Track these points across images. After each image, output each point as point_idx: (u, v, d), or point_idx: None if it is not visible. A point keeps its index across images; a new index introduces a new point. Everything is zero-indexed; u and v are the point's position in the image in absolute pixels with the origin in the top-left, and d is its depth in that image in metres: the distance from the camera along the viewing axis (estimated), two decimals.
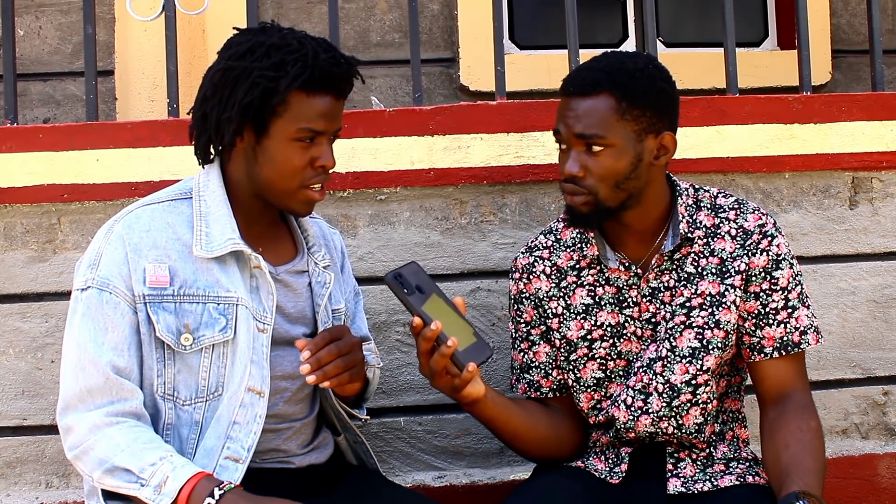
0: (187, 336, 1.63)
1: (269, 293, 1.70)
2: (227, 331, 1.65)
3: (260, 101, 1.62)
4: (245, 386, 1.65)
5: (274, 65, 1.62)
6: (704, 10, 4.06)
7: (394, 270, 1.63)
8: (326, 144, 1.67)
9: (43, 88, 3.63)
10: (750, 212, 1.82)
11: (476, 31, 3.60)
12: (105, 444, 1.57)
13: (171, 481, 1.52)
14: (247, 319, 1.66)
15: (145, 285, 1.63)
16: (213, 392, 1.65)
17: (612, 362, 1.85)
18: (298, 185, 1.66)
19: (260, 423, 1.66)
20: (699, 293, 1.80)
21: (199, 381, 1.65)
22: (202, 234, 1.66)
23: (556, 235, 1.91)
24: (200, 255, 1.65)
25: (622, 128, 1.71)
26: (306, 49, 1.64)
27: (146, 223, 1.66)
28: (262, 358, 1.68)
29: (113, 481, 1.57)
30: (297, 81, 1.61)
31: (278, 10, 3.67)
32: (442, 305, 1.63)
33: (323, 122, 1.65)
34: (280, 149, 1.65)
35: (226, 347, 1.65)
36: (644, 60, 1.77)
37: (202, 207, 1.69)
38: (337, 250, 1.92)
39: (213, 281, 1.66)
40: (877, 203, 2.33)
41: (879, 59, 2.39)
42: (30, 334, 2.13)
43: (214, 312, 1.65)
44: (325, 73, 1.63)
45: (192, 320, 1.64)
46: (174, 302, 1.64)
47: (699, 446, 1.84)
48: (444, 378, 1.64)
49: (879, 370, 2.33)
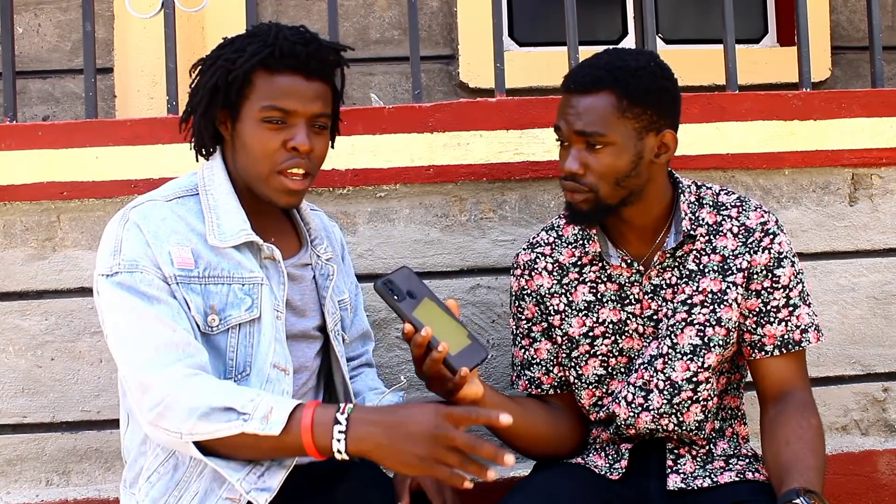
0: (213, 317, 1.62)
1: (281, 283, 1.70)
2: (254, 309, 1.64)
3: (224, 84, 1.63)
4: (270, 362, 1.65)
5: (237, 48, 1.65)
6: (704, 6, 4.06)
7: (383, 278, 1.62)
8: (301, 126, 1.64)
9: (42, 86, 3.63)
10: (752, 209, 1.82)
11: (475, 28, 3.60)
12: (191, 392, 1.50)
13: (277, 411, 1.46)
14: (270, 300, 1.67)
15: (174, 266, 1.60)
16: (241, 372, 1.64)
17: (613, 359, 1.85)
18: (270, 170, 1.65)
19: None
20: (701, 290, 1.80)
21: (226, 361, 1.64)
22: (214, 226, 1.66)
23: (558, 232, 1.91)
24: (215, 243, 1.64)
25: (623, 125, 1.71)
26: (271, 31, 1.65)
27: (161, 213, 1.65)
28: (283, 339, 1.68)
29: (210, 426, 1.48)
30: (255, 58, 1.62)
31: (277, 7, 3.67)
32: (434, 309, 1.62)
33: (290, 101, 1.63)
34: (250, 131, 1.64)
35: (252, 326, 1.65)
36: (646, 58, 1.77)
37: (210, 201, 1.69)
38: (337, 241, 1.93)
39: (236, 263, 1.66)
40: (876, 199, 2.33)
41: (879, 55, 2.39)
42: (29, 332, 2.13)
43: (240, 293, 1.64)
44: (287, 50, 1.62)
45: (218, 301, 1.63)
46: (200, 283, 1.63)
47: (699, 443, 1.84)
48: (439, 382, 1.64)
49: (879, 367, 2.33)
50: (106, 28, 3.46)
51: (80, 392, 2.13)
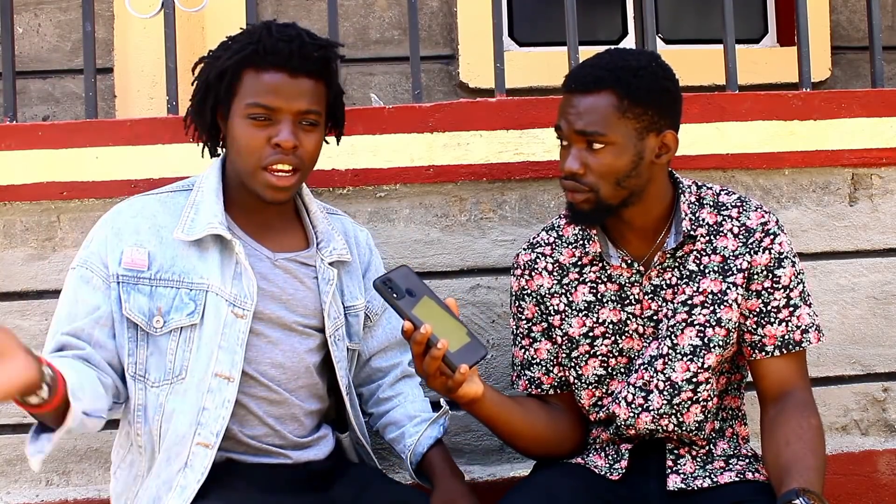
0: (158, 318, 1.67)
1: (250, 279, 1.71)
2: (195, 315, 1.68)
3: (214, 81, 1.68)
4: (212, 371, 1.67)
5: (226, 46, 1.71)
6: (704, 6, 4.06)
7: (382, 276, 1.63)
8: (286, 123, 1.67)
9: (42, 86, 3.63)
10: (752, 210, 1.82)
11: (475, 28, 3.60)
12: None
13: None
14: (217, 307, 1.68)
15: (120, 266, 1.69)
16: (178, 375, 1.68)
17: (613, 359, 1.85)
18: (256, 166, 1.68)
19: (229, 407, 1.67)
20: (701, 291, 1.80)
21: (166, 363, 1.68)
22: (188, 220, 1.71)
23: (559, 232, 1.91)
24: (180, 237, 1.69)
25: (623, 126, 1.71)
26: (258, 29, 1.70)
27: (136, 210, 1.74)
28: (234, 344, 1.69)
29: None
30: (238, 56, 1.67)
31: (277, 7, 3.67)
32: (433, 307, 1.63)
33: (274, 98, 1.66)
34: (237, 127, 1.69)
35: (192, 332, 1.68)
36: (647, 58, 1.77)
37: (197, 197, 1.74)
38: (362, 246, 1.93)
39: (190, 267, 1.69)
40: (876, 199, 2.33)
41: (879, 55, 2.39)
42: (29, 332, 2.13)
43: (185, 297, 1.68)
44: (270, 48, 1.67)
45: (165, 304, 1.68)
46: (150, 285, 1.68)
47: (699, 443, 1.84)
48: (439, 379, 1.64)
49: (879, 367, 2.33)
50: (106, 28, 3.46)
51: None
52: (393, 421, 1.89)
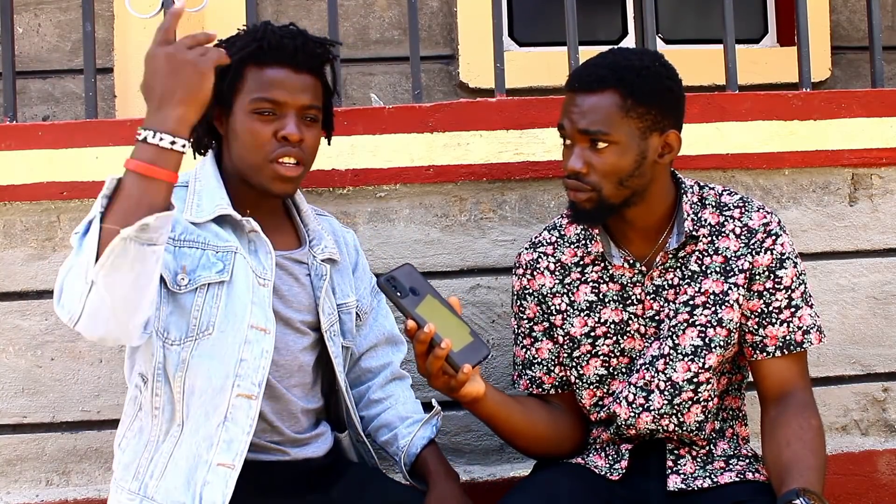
0: (183, 276, 1.66)
1: (268, 252, 1.73)
2: (224, 273, 1.68)
3: (217, 81, 1.63)
4: (248, 323, 1.67)
5: (227, 45, 1.70)
6: (704, 6, 4.06)
7: (386, 274, 1.63)
8: (291, 117, 1.70)
9: (42, 86, 3.63)
10: (755, 210, 1.82)
11: (475, 28, 3.60)
12: (65, 263, 1.55)
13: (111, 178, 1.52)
14: (245, 268, 1.70)
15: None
16: (204, 331, 1.67)
17: (615, 359, 1.85)
18: (264, 159, 1.70)
19: (268, 358, 1.68)
20: (703, 291, 1.79)
21: (189, 320, 1.67)
22: (193, 206, 1.72)
23: (560, 231, 1.91)
24: (192, 219, 1.70)
25: (627, 125, 1.71)
26: (259, 28, 1.72)
27: None
28: (265, 304, 1.70)
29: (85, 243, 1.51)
30: (243, 52, 1.69)
31: (277, 7, 3.67)
32: (437, 306, 1.63)
33: (279, 92, 1.69)
34: (242, 123, 1.70)
35: (220, 289, 1.68)
36: (650, 58, 1.77)
37: (197, 186, 1.75)
38: (350, 247, 1.94)
39: (213, 234, 1.70)
40: (876, 200, 2.33)
41: (879, 55, 2.39)
42: (29, 332, 2.13)
43: (213, 257, 1.69)
44: (275, 44, 1.70)
45: (190, 262, 1.67)
46: (174, 246, 1.67)
47: (699, 443, 1.84)
48: (441, 379, 1.64)
49: (879, 367, 2.33)
50: (106, 28, 3.46)
51: (80, 392, 2.13)
52: (385, 423, 1.89)
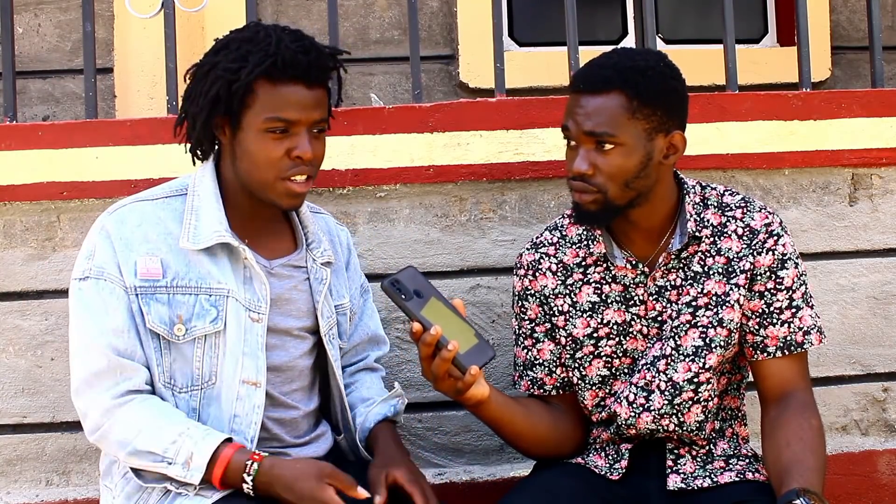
0: (180, 326, 1.66)
1: (262, 283, 1.71)
2: (218, 322, 1.67)
3: (226, 94, 1.63)
4: (239, 378, 1.68)
5: (238, 57, 1.64)
6: (704, 6, 4.06)
7: (390, 277, 1.62)
8: (303, 135, 1.66)
9: (42, 86, 3.63)
10: (756, 210, 1.82)
11: (475, 28, 3.60)
12: (120, 426, 1.62)
13: (197, 456, 1.57)
14: (237, 311, 1.68)
15: (136, 277, 1.66)
16: (208, 381, 1.68)
17: (617, 360, 1.85)
18: (276, 177, 1.67)
19: (259, 412, 1.69)
20: (705, 293, 1.79)
21: (193, 369, 1.67)
22: (191, 227, 1.69)
23: (562, 232, 1.91)
24: (187, 246, 1.67)
25: (633, 126, 1.70)
26: (271, 39, 1.64)
27: (138, 218, 1.70)
28: (256, 348, 1.70)
29: (140, 462, 1.62)
30: (258, 69, 1.62)
31: (277, 7, 3.66)
32: (441, 308, 1.62)
33: (293, 111, 1.64)
34: (253, 140, 1.65)
35: (217, 338, 1.68)
36: (655, 58, 1.76)
37: (195, 202, 1.71)
38: (343, 246, 1.93)
39: (205, 272, 1.68)
40: (876, 200, 2.33)
41: (879, 55, 2.38)
42: (29, 332, 2.13)
43: (206, 304, 1.67)
44: (289, 60, 1.63)
45: (185, 311, 1.66)
46: (167, 293, 1.66)
47: (699, 443, 1.84)
48: (447, 381, 1.63)
49: (879, 367, 2.33)
50: (106, 28, 3.45)
51: None
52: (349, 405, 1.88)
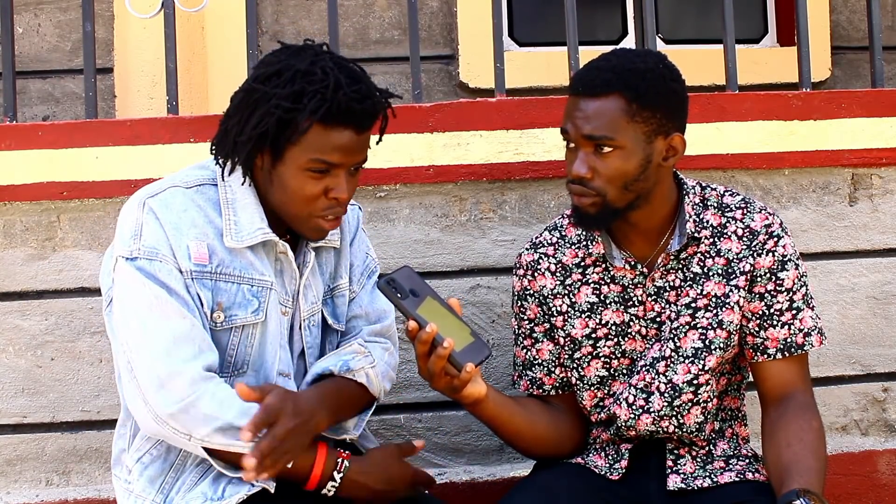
0: (219, 314, 1.64)
1: (293, 278, 1.72)
2: (259, 313, 1.67)
3: (275, 130, 1.59)
4: (276, 370, 1.69)
5: (293, 94, 1.58)
6: (704, 6, 4.06)
7: (386, 276, 1.62)
8: (343, 176, 1.63)
9: (42, 86, 3.63)
10: (756, 211, 1.81)
11: (475, 28, 3.60)
12: (211, 400, 1.55)
13: None
14: (276, 304, 1.69)
15: (191, 261, 1.62)
16: (238, 369, 1.68)
17: (616, 361, 1.85)
18: (309, 214, 1.64)
19: None
20: (705, 294, 1.79)
21: (225, 358, 1.66)
22: (231, 223, 1.66)
23: (561, 232, 1.90)
24: (232, 245, 1.65)
25: (632, 129, 1.69)
26: (328, 81, 1.57)
27: (182, 203, 1.65)
28: (286, 341, 1.72)
29: (225, 440, 1.55)
30: (315, 115, 1.57)
31: (277, 7, 3.66)
32: (437, 307, 1.63)
33: (338, 155, 1.60)
34: (292, 176, 1.62)
35: (255, 329, 1.67)
36: (654, 60, 1.75)
37: (228, 194, 1.68)
38: (350, 224, 1.87)
39: (247, 263, 1.67)
40: (876, 200, 2.33)
41: (879, 55, 2.38)
42: (29, 332, 2.13)
43: (248, 294, 1.66)
44: (344, 107, 1.58)
45: (226, 299, 1.65)
46: (212, 279, 1.64)
47: (699, 443, 1.84)
48: (444, 379, 1.64)
49: (879, 367, 2.33)
50: (106, 28, 3.45)
51: (80, 392, 2.13)
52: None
